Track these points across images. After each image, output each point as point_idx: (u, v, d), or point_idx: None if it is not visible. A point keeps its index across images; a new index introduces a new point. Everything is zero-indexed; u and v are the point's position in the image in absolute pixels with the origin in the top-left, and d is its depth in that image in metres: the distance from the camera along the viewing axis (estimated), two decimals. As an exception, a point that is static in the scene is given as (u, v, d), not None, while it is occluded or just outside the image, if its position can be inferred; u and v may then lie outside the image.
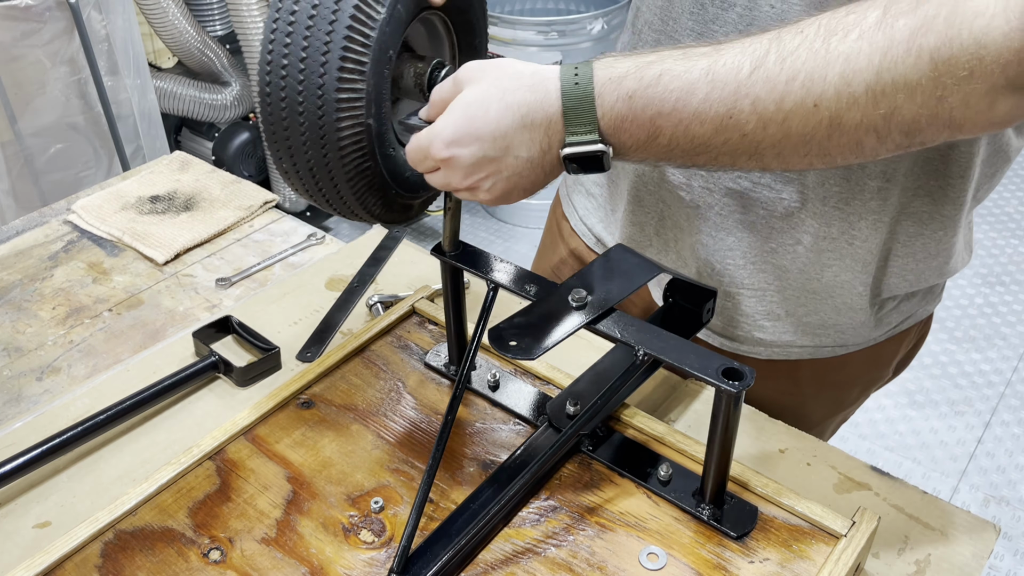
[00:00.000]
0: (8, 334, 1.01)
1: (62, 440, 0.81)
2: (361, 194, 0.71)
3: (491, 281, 0.76)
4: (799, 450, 0.83)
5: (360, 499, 0.75)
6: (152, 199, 1.23)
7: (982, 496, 2.02)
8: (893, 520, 0.76)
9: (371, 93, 0.66)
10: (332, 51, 0.63)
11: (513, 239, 2.90)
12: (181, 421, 0.87)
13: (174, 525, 0.73)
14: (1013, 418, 2.21)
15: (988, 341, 2.44)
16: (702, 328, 0.86)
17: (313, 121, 0.65)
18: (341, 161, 0.67)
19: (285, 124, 0.66)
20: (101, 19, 2.04)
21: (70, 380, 0.94)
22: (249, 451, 0.80)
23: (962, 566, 0.73)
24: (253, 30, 2.47)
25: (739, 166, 0.64)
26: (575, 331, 0.71)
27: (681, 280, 0.85)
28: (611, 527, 0.72)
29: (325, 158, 0.67)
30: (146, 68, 2.20)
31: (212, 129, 2.72)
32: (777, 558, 0.69)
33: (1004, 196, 3.02)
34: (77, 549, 0.71)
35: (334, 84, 0.64)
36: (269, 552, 0.71)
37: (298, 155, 0.68)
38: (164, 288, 1.08)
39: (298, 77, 0.64)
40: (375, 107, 0.67)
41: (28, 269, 1.11)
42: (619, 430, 0.80)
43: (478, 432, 0.81)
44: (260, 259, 1.12)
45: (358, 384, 0.87)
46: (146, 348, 0.98)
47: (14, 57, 1.92)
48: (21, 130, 1.99)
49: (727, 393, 0.65)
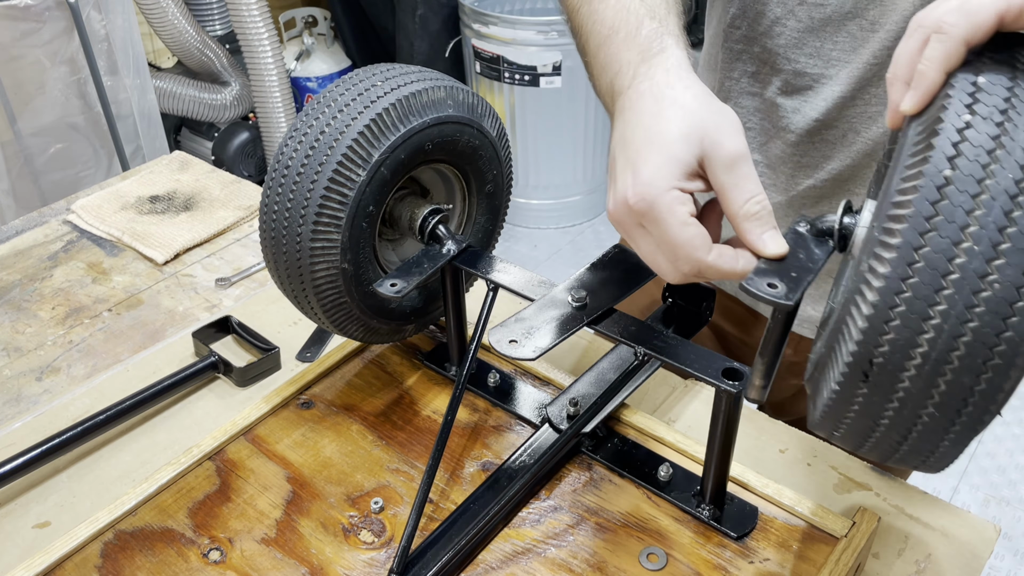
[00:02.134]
0: (8, 334, 1.01)
1: (62, 440, 0.81)
2: (340, 323, 0.78)
3: (491, 281, 0.76)
4: (799, 450, 0.83)
5: (360, 499, 0.75)
6: (152, 199, 1.23)
7: (982, 496, 2.02)
8: (893, 520, 0.76)
9: (347, 243, 0.72)
10: (310, 206, 0.70)
11: (513, 239, 2.90)
12: (181, 421, 0.87)
13: (174, 525, 0.73)
14: (1013, 418, 2.21)
15: (988, 341, 2.44)
16: (702, 328, 0.86)
17: (293, 261, 0.73)
18: (317, 297, 0.74)
19: (273, 257, 0.74)
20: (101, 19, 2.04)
21: (70, 380, 0.94)
22: (249, 451, 0.80)
23: (962, 566, 0.73)
24: (253, 30, 2.47)
25: None
26: (575, 331, 0.71)
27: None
28: (611, 527, 0.72)
29: (304, 291, 0.75)
30: (146, 68, 2.20)
31: (212, 129, 2.72)
32: (777, 558, 0.69)
33: (1004, 196, 3.02)
34: (77, 549, 0.71)
35: (309, 235, 0.71)
36: (269, 552, 0.71)
37: (284, 284, 0.76)
38: (164, 288, 1.08)
39: (283, 223, 0.71)
40: (351, 254, 0.73)
41: (28, 269, 1.11)
42: (619, 430, 0.80)
43: (478, 432, 0.81)
44: (260, 259, 1.12)
45: (358, 384, 0.87)
46: (146, 348, 0.98)
47: (14, 57, 1.92)
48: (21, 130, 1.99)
49: (727, 393, 0.64)
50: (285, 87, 2.59)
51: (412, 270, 0.76)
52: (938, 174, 0.40)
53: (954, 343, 0.41)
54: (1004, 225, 0.39)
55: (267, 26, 2.48)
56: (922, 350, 0.41)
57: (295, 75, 2.91)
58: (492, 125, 0.79)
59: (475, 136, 0.77)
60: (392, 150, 0.70)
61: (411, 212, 0.78)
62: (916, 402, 0.43)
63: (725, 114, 0.57)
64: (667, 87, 0.59)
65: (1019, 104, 0.41)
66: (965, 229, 0.40)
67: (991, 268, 0.39)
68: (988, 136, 0.40)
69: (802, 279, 0.52)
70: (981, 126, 0.40)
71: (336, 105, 0.71)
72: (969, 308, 0.40)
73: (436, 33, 2.77)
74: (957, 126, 0.41)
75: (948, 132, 0.41)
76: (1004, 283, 0.39)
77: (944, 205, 0.40)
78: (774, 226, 0.55)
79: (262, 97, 2.58)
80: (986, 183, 0.40)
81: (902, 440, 0.46)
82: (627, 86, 0.61)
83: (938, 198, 0.40)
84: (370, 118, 0.70)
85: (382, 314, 0.80)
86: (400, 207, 0.79)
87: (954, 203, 0.40)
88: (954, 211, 0.40)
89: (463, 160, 0.79)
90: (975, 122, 0.41)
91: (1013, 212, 0.39)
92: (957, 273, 0.40)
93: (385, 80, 0.72)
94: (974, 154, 0.40)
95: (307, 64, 2.94)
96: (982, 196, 0.40)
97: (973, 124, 0.41)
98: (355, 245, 0.73)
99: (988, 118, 0.41)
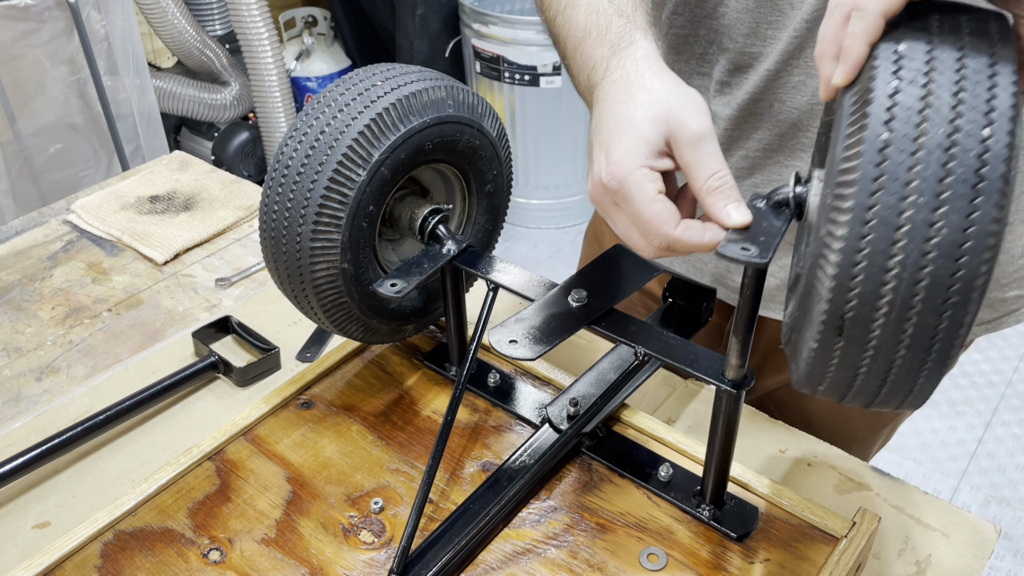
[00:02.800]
0: (7, 334, 1.01)
1: (62, 440, 0.81)
2: (340, 323, 0.78)
3: (491, 281, 0.76)
4: (799, 450, 0.83)
5: (360, 499, 0.75)
6: (151, 199, 1.23)
7: (983, 496, 2.02)
8: (893, 520, 0.76)
9: (347, 243, 0.72)
10: (310, 205, 0.70)
11: (513, 239, 2.90)
12: (181, 421, 0.87)
13: (174, 525, 0.73)
14: (1014, 418, 2.21)
15: (988, 341, 2.44)
16: (702, 328, 0.86)
17: (293, 261, 0.72)
18: (317, 297, 0.74)
19: (273, 257, 0.74)
20: (100, 19, 2.04)
21: (69, 380, 0.94)
22: (249, 451, 0.80)
23: (962, 566, 0.73)
24: (253, 30, 2.47)
25: None
26: (575, 331, 0.71)
27: (680, 279, 0.85)
28: (611, 528, 0.72)
29: (304, 291, 0.74)
30: (145, 68, 2.20)
31: (211, 129, 2.72)
32: (777, 559, 0.69)
33: (1004, 196, 3.02)
34: (77, 549, 0.71)
35: (309, 234, 0.71)
36: (269, 553, 0.71)
37: (284, 284, 0.76)
38: (163, 288, 1.08)
39: (283, 223, 0.71)
40: (351, 253, 0.73)
41: (27, 269, 1.11)
42: (619, 430, 0.80)
43: (478, 432, 0.81)
44: (260, 259, 1.12)
45: (358, 384, 0.87)
46: (145, 348, 0.98)
47: (13, 57, 1.92)
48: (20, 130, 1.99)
49: (727, 393, 0.64)
50: (285, 87, 2.59)
51: (412, 270, 0.76)
52: (876, 138, 0.44)
53: (915, 288, 0.45)
54: (942, 176, 0.43)
55: (267, 26, 2.48)
56: (887, 299, 0.46)
57: (295, 75, 2.91)
58: (492, 125, 0.79)
59: (475, 136, 0.77)
60: (392, 150, 0.70)
61: (411, 212, 0.78)
62: (889, 347, 0.47)
63: (691, 97, 0.61)
64: (636, 75, 0.63)
65: (939, 65, 0.45)
66: (908, 184, 0.44)
67: (937, 216, 0.43)
68: (916, 98, 0.44)
69: (770, 242, 0.55)
70: (908, 89, 0.45)
71: (336, 105, 0.71)
72: (923, 255, 0.44)
73: (436, 33, 2.77)
74: (887, 92, 0.45)
75: (879, 99, 0.45)
76: (951, 226, 0.43)
77: (887, 165, 0.44)
78: (738, 198, 0.58)
79: (262, 97, 2.58)
80: (920, 140, 0.44)
81: (881, 384, 0.50)
82: (600, 79, 0.66)
83: (880, 160, 0.44)
84: (370, 118, 0.70)
85: (382, 314, 0.80)
86: (400, 207, 0.79)
87: (895, 162, 0.44)
88: (896, 169, 0.44)
89: (463, 160, 0.79)
90: (902, 87, 0.45)
91: (948, 163, 0.43)
92: (907, 225, 0.44)
93: (385, 80, 0.72)
94: (906, 116, 0.44)
95: (307, 64, 2.94)
96: (919, 153, 0.44)
97: (901, 88, 0.45)
98: (355, 245, 0.73)
99: (913, 81, 0.45)
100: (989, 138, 0.43)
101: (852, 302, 0.46)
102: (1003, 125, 0.43)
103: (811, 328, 0.49)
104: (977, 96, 0.44)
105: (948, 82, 0.44)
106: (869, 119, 0.45)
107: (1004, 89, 0.44)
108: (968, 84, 0.44)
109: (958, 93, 0.44)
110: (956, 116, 0.44)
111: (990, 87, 0.44)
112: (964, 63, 0.44)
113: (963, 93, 0.44)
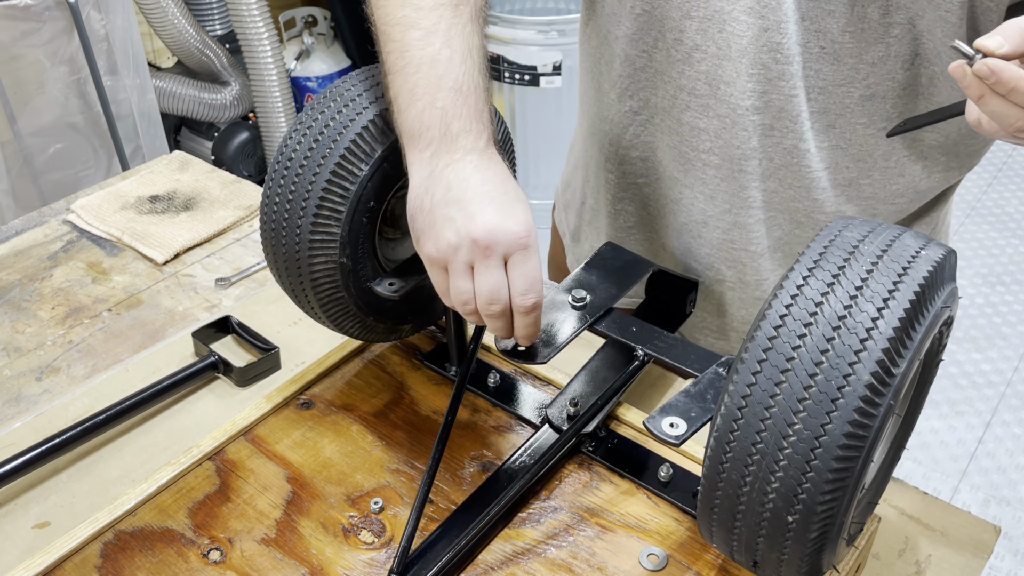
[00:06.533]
0: (7, 334, 1.01)
1: (61, 440, 0.81)
2: (337, 319, 0.78)
3: (491, 281, 0.76)
4: (799, 450, 0.83)
5: (360, 499, 0.75)
6: (151, 199, 1.23)
7: (983, 496, 2.02)
8: (893, 520, 0.76)
9: (346, 237, 0.72)
10: (311, 198, 0.70)
11: (513, 239, 2.90)
12: (181, 421, 0.87)
13: (174, 525, 0.73)
14: (1014, 418, 2.21)
15: (988, 341, 2.43)
16: (686, 320, 0.86)
17: (292, 254, 0.73)
18: (315, 291, 0.74)
19: (273, 250, 0.75)
20: (100, 19, 2.04)
21: (69, 380, 0.94)
22: (249, 451, 0.80)
23: (962, 566, 0.73)
24: (253, 30, 2.47)
25: None
26: (580, 332, 0.71)
27: (663, 272, 0.85)
28: (611, 528, 0.72)
29: (302, 286, 0.75)
30: (145, 68, 2.20)
31: (212, 129, 2.72)
32: (777, 559, 0.69)
33: (1004, 196, 3.02)
34: (77, 549, 0.71)
35: (309, 227, 0.71)
36: (269, 552, 0.71)
37: (282, 277, 0.76)
38: (163, 288, 1.08)
39: (284, 215, 0.72)
40: (350, 248, 0.73)
41: (27, 269, 1.11)
42: (619, 431, 0.80)
43: (478, 432, 0.81)
44: (260, 259, 1.12)
45: (358, 384, 0.87)
46: (145, 348, 0.98)
47: (13, 56, 1.92)
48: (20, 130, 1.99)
49: (727, 393, 0.64)
50: (285, 87, 2.59)
51: (411, 270, 0.76)
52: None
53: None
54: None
55: (267, 26, 2.48)
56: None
57: (295, 75, 2.91)
58: (497, 126, 0.79)
59: None
60: (396, 146, 0.70)
61: None
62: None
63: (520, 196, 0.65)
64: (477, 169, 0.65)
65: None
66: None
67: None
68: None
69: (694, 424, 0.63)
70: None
71: (342, 99, 0.71)
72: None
73: (436, 33, 2.76)
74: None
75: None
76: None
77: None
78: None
79: (262, 97, 2.58)
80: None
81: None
82: (440, 150, 0.66)
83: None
84: (375, 113, 0.70)
85: (379, 312, 0.80)
86: (401, 205, 0.79)
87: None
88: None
89: None
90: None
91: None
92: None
93: None
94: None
95: (307, 64, 2.94)
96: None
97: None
98: (354, 240, 0.72)
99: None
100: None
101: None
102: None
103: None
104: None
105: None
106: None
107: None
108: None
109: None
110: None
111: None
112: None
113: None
